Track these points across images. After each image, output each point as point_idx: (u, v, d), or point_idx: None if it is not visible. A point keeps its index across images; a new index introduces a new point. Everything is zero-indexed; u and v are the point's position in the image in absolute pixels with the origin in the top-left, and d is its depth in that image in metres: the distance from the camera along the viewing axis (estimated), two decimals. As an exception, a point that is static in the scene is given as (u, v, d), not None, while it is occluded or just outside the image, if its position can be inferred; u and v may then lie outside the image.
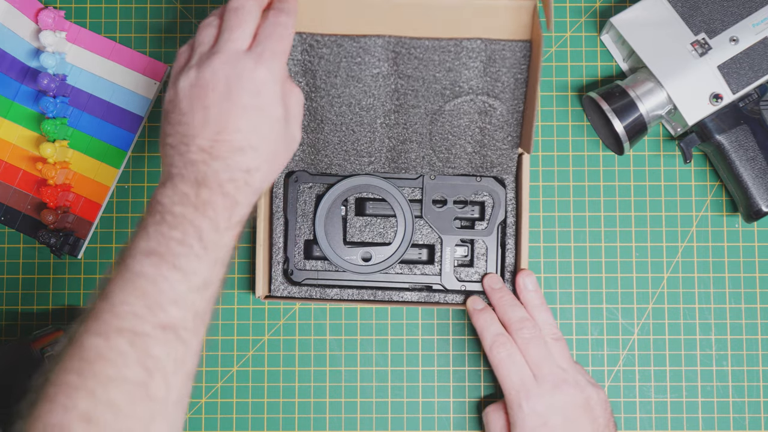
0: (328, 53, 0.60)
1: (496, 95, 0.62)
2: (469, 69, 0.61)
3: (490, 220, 0.70)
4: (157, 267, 0.46)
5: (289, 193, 0.70)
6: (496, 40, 0.60)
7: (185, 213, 0.48)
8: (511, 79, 0.62)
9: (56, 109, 0.72)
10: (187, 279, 0.47)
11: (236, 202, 0.50)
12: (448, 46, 0.59)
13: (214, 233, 0.48)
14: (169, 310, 0.46)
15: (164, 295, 0.46)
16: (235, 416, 0.73)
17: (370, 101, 0.63)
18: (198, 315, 0.48)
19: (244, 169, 0.50)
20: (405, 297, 0.69)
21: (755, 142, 0.68)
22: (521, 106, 0.64)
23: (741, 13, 0.67)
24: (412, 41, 0.59)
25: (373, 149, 0.66)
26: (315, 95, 0.63)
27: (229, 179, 0.49)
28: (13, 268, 0.74)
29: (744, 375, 0.72)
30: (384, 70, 0.61)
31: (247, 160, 0.50)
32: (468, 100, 0.62)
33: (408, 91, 0.62)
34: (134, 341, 0.45)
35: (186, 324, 0.47)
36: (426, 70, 0.61)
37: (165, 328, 0.46)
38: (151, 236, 0.47)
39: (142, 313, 0.45)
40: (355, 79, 0.61)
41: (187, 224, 0.48)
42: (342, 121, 0.64)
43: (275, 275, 0.70)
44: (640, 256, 0.73)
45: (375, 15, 0.58)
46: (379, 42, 0.59)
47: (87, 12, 0.75)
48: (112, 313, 0.45)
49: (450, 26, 0.59)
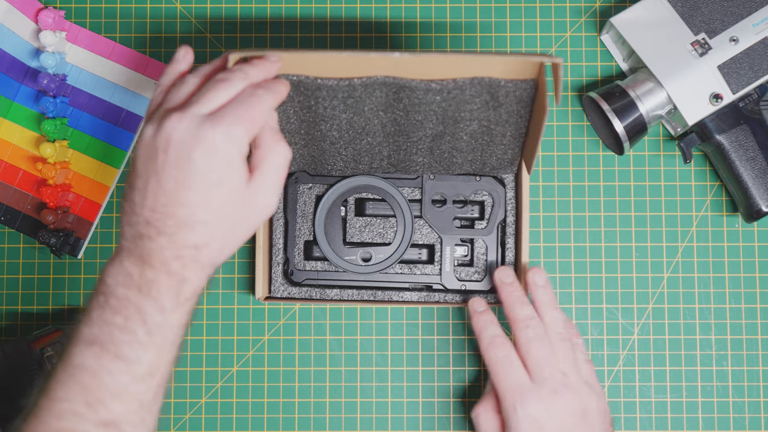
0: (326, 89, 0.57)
1: (500, 123, 0.61)
2: (471, 104, 0.59)
3: (490, 220, 0.70)
4: (98, 358, 0.44)
5: (289, 194, 0.70)
6: (499, 80, 0.57)
7: (129, 295, 0.45)
8: (515, 113, 0.60)
9: (56, 109, 0.72)
10: (131, 369, 0.45)
11: (184, 280, 0.47)
12: (448, 86, 0.57)
13: (159, 315, 0.46)
14: (111, 405, 0.44)
15: (105, 389, 0.44)
16: (235, 416, 0.73)
17: (370, 128, 0.62)
18: (143, 405, 0.46)
19: (191, 245, 0.47)
20: (405, 297, 0.69)
21: (755, 142, 0.68)
22: (524, 129, 0.62)
23: (741, 13, 0.67)
24: (412, 82, 0.57)
25: (373, 159, 0.66)
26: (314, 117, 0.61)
27: (175, 257, 0.46)
28: (13, 268, 0.74)
29: (744, 375, 0.72)
30: (383, 105, 0.59)
31: (194, 236, 0.47)
32: (470, 124, 0.61)
33: (408, 122, 0.61)
34: None
35: (129, 417, 0.45)
36: (427, 106, 0.59)
37: (107, 425, 0.44)
38: (94, 322, 0.45)
39: (81, 411, 0.44)
40: (354, 111, 0.59)
41: (131, 308, 0.45)
42: (342, 138, 0.63)
43: (275, 276, 0.70)
44: (640, 256, 0.73)
45: (374, 64, 0.55)
46: (379, 81, 0.57)
47: (87, 12, 0.75)
48: (51, 413, 0.44)
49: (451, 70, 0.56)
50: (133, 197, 0.48)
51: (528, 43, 0.74)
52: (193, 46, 0.74)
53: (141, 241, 0.47)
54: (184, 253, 0.47)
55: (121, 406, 0.44)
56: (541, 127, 0.56)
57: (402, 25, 0.75)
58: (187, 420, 0.73)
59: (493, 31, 0.75)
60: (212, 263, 0.49)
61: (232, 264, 0.74)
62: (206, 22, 0.75)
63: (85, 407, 0.44)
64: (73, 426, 0.43)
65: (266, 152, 0.49)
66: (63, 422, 0.43)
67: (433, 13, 0.75)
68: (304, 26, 0.75)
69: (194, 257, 0.47)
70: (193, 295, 0.48)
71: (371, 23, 0.75)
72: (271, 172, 0.49)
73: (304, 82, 0.56)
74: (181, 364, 0.73)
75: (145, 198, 0.47)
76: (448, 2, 0.75)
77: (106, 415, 0.44)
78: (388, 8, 0.75)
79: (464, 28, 0.75)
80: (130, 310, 0.45)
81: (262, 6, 0.75)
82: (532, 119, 0.60)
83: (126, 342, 0.45)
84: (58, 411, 0.43)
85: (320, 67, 0.55)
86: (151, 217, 0.46)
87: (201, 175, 0.46)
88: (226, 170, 0.47)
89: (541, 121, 0.56)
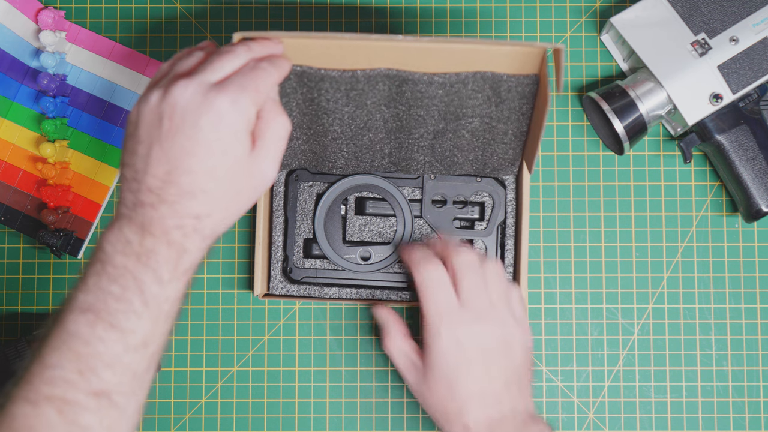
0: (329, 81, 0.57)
1: (501, 121, 0.61)
2: (473, 99, 0.59)
3: (490, 221, 0.70)
4: (92, 326, 0.44)
5: (289, 192, 0.70)
6: (501, 74, 0.57)
7: (127, 264, 0.45)
8: (516, 110, 0.60)
9: (56, 109, 0.72)
10: (125, 338, 0.44)
11: (183, 251, 0.47)
12: (451, 79, 0.57)
13: (156, 286, 0.45)
14: (103, 375, 0.44)
15: (99, 358, 0.44)
16: (235, 416, 0.73)
17: (372, 123, 0.62)
18: (136, 376, 0.45)
19: (193, 215, 0.46)
20: (404, 296, 0.69)
21: (755, 142, 0.68)
22: (526, 127, 0.62)
23: (741, 13, 0.67)
24: (415, 75, 0.57)
25: (374, 156, 0.66)
26: (317, 111, 0.61)
27: (176, 226, 0.46)
28: (13, 268, 0.74)
29: (744, 375, 0.72)
30: (386, 99, 0.59)
31: (197, 205, 0.46)
32: (471, 121, 0.62)
33: (410, 117, 0.61)
34: (63, 410, 0.43)
35: (121, 388, 0.45)
36: (429, 100, 0.59)
37: (98, 394, 0.44)
38: (90, 289, 0.45)
39: (73, 379, 0.43)
40: (356, 105, 0.60)
41: (128, 277, 0.45)
42: (344, 133, 0.63)
43: (274, 273, 0.70)
44: (640, 256, 0.73)
45: (377, 55, 0.55)
46: (382, 73, 0.57)
47: (87, 12, 0.75)
48: (43, 379, 0.43)
49: (454, 63, 0.57)
50: (134, 163, 0.47)
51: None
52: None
53: (142, 208, 0.46)
54: (186, 222, 0.46)
55: (114, 376, 0.44)
56: (543, 122, 0.56)
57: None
58: (187, 420, 0.73)
59: (493, 31, 0.75)
60: (213, 234, 0.49)
61: (232, 264, 0.74)
62: (206, 23, 0.75)
63: (77, 375, 0.43)
64: (63, 393, 0.43)
65: (268, 123, 0.49)
66: (54, 389, 0.43)
67: (433, 13, 0.75)
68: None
69: (195, 227, 0.47)
70: (191, 266, 0.48)
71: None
72: (273, 142, 0.49)
73: (308, 73, 0.56)
74: (181, 364, 0.73)
75: (147, 165, 0.46)
76: (448, 3, 0.75)
77: (98, 385, 0.44)
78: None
79: (464, 28, 0.75)
80: (128, 279, 0.45)
81: (261, 6, 0.75)
82: (534, 116, 0.60)
83: (121, 311, 0.44)
84: (50, 378, 0.43)
85: (323, 56, 0.55)
86: (153, 184, 0.46)
87: (207, 143, 0.46)
88: (231, 139, 0.46)
89: (543, 115, 0.56)
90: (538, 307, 0.73)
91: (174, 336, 0.73)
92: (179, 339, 0.73)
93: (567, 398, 0.72)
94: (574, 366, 0.73)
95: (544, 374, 0.73)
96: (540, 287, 0.73)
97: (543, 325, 0.73)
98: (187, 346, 0.73)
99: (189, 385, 0.73)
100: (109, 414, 0.44)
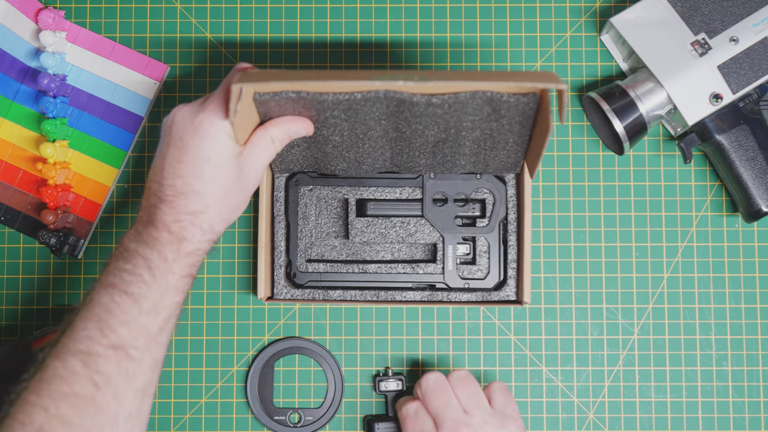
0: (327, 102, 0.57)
1: (502, 132, 0.61)
2: (472, 115, 0.59)
3: (492, 218, 0.70)
4: (110, 295, 0.52)
5: (290, 196, 0.70)
6: (501, 94, 0.56)
7: (137, 248, 0.54)
8: (517, 123, 0.60)
9: (56, 109, 0.72)
10: (138, 303, 0.52)
11: (183, 238, 0.54)
12: (449, 100, 0.57)
13: (161, 262, 0.53)
14: (120, 332, 0.51)
15: (115, 318, 0.52)
16: (235, 416, 0.73)
17: (372, 133, 0.61)
18: (150, 335, 0.53)
19: (189, 212, 0.54)
20: (408, 296, 0.69)
21: (755, 142, 0.68)
22: (528, 134, 0.62)
23: (741, 13, 0.67)
24: (413, 97, 0.56)
25: (376, 160, 0.66)
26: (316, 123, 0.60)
27: (175, 220, 0.54)
28: (13, 268, 0.74)
29: (744, 375, 0.72)
30: (384, 115, 0.59)
31: (191, 204, 0.54)
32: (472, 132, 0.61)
33: (410, 129, 0.61)
34: (86, 361, 0.50)
35: (136, 343, 0.52)
36: (428, 118, 0.59)
37: (116, 347, 0.51)
38: (110, 271, 0.54)
39: (95, 336, 0.51)
40: (355, 120, 0.59)
41: (138, 257, 0.53)
42: (344, 142, 0.63)
43: (277, 278, 0.70)
44: (640, 256, 0.73)
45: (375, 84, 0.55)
46: (380, 95, 0.56)
47: (87, 12, 0.75)
48: (71, 338, 0.51)
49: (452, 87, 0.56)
50: (149, 175, 0.57)
51: (528, 43, 0.74)
52: (193, 47, 0.75)
53: (149, 209, 0.55)
54: (182, 218, 0.54)
55: (129, 333, 0.52)
56: (545, 142, 0.56)
57: (402, 28, 0.75)
58: (187, 420, 0.73)
59: (493, 31, 0.75)
60: (212, 228, 0.56)
61: (233, 264, 0.74)
62: (206, 23, 0.75)
63: (98, 333, 0.51)
64: (87, 347, 0.51)
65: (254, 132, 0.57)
66: (79, 344, 0.51)
67: (433, 13, 0.75)
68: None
69: (192, 222, 0.54)
70: (194, 251, 0.55)
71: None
72: (257, 147, 0.57)
73: (305, 98, 0.57)
74: (181, 364, 0.73)
75: (154, 174, 0.56)
76: (448, 1, 0.75)
77: (115, 339, 0.51)
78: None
79: (464, 28, 0.75)
80: (138, 259, 0.53)
81: (262, 6, 0.75)
82: (536, 133, 0.60)
83: (134, 282, 0.53)
84: (77, 336, 0.51)
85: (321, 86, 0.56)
86: (158, 189, 0.55)
87: (191, 151, 0.54)
88: (211, 148, 0.54)
89: (545, 137, 0.55)
90: (538, 307, 0.73)
91: (174, 336, 0.73)
92: (179, 339, 0.73)
93: (567, 398, 0.72)
94: (574, 366, 0.73)
95: (544, 374, 0.73)
96: (540, 287, 0.73)
97: (543, 325, 0.73)
98: (187, 346, 0.73)
99: (189, 385, 0.73)
100: (126, 364, 0.51)
